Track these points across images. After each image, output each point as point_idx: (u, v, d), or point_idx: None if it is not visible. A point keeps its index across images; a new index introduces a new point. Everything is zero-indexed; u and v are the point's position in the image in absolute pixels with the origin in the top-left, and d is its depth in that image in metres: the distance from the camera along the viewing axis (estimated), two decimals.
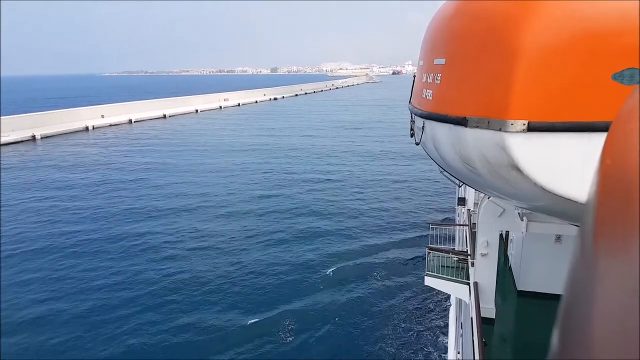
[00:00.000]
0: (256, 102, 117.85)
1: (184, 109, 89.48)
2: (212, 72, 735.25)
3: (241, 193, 32.80)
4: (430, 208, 29.86)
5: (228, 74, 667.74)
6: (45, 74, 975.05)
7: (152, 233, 24.82)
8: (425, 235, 21.00)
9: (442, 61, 5.41)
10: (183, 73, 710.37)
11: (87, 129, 65.50)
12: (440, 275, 11.59)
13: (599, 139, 0.77)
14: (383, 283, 19.56)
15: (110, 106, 76.94)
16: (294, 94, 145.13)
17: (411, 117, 7.04)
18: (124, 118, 73.73)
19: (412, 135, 7.02)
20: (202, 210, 28.91)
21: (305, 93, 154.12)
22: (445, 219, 27.03)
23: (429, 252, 12.01)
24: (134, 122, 74.04)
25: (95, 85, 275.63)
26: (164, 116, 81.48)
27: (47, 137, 58.30)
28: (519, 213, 9.00)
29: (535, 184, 4.45)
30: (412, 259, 21.72)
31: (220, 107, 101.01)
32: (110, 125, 69.79)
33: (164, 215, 27.86)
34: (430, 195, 32.70)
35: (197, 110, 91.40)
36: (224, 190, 33.58)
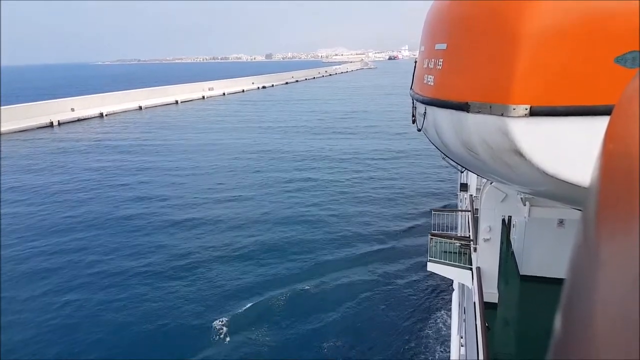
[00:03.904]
0: (243, 91, 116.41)
1: (162, 99, 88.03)
2: (206, 59, 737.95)
3: (228, 184, 32.95)
4: (432, 194, 30.54)
5: (222, 61, 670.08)
6: (40, 64, 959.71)
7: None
8: (428, 222, 21.52)
9: (444, 46, 5.67)
10: (176, 61, 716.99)
11: (51, 124, 61.72)
12: (442, 260, 12.11)
13: (602, 122, 0.96)
14: (385, 269, 20.17)
15: (82, 98, 74.78)
16: (284, 81, 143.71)
17: (413, 103, 7.29)
18: (95, 111, 71.65)
19: (414, 121, 7.29)
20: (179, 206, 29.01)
21: (297, 81, 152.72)
22: (448, 205, 27.61)
23: (432, 238, 12.52)
24: (106, 115, 72.21)
25: (87, 74, 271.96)
26: (140, 108, 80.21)
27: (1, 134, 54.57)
28: (521, 198, 9.44)
29: (538, 169, 4.75)
30: (414, 245, 22.34)
31: (204, 97, 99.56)
32: (78, 120, 67.01)
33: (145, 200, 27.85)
34: (432, 182, 33.42)
35: (177, 101, 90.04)
36: (205, 183, 33.65)
